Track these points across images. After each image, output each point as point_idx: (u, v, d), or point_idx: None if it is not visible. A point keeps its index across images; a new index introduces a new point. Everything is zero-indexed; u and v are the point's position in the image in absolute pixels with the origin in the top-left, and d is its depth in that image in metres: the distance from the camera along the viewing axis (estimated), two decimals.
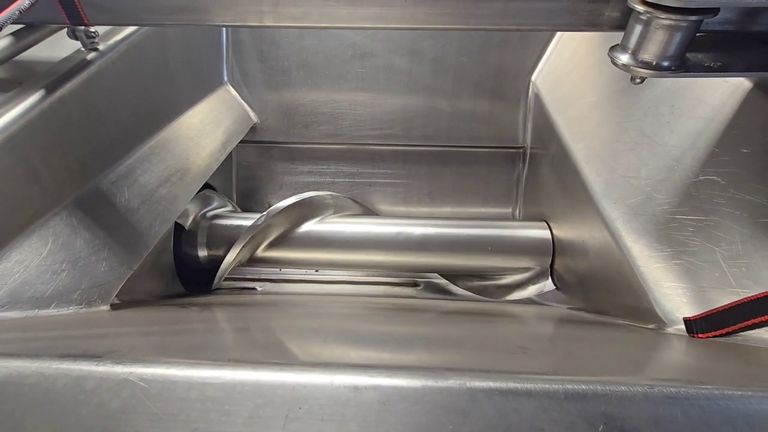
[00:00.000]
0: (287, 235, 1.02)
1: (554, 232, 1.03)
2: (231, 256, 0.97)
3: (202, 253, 1.04)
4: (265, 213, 0.99)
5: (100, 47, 0.75)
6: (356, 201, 1.14)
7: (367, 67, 1.27)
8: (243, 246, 0.97)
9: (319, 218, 1.04)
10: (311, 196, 1.03)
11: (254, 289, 1.14)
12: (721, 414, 0.33)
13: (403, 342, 0.58)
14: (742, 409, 0.34)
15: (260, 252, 1.02)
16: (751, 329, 0.51)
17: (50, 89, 0.65)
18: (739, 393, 0.34)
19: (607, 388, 0.34)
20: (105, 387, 0.35)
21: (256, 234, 0.98)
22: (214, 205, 1.11)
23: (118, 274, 0.70)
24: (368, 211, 1.15)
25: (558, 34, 1.19)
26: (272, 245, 1.02)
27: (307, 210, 1.03)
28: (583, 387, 0.34)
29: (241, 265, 1.03)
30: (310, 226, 1.03)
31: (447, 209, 1.34)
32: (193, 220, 1.04)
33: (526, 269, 1.03)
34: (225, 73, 1.24)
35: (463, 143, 1.31)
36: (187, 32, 1.02)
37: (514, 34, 1.22)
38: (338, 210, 1.08)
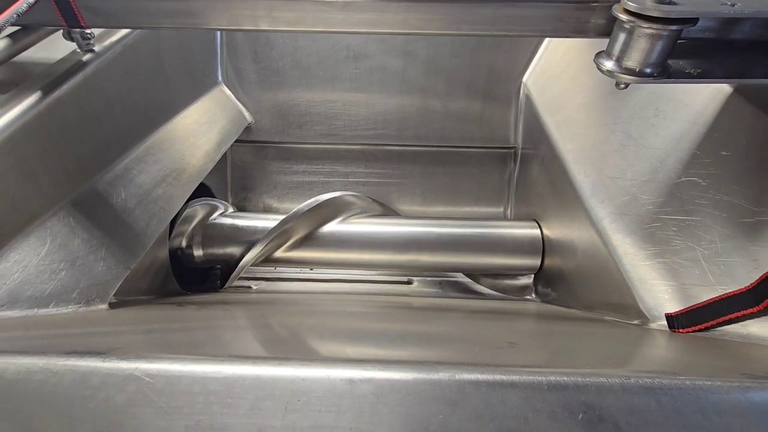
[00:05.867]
0: (311, 236, 1.03)
1: (544, 231, 1.05)
2: (251, 255, 0.99)
3: (198, 252, 1.05)
4: (285, 216, 1.01)
5: (96, 48, 0.75)
6: (374, 200, 1.15)
7: (360, 68, 1.28)
8: (264, 246, 0.99)
9: (339, 218, 1.06)
10: (332, 198, 1.05)
11: (249, 287, 1.15)
12: (692, 403, 0.36)
13: (396, 338, 0.59)
14: (711, 398, 0.36)
15: (279, 253, 1.04)
16: (728, 324, 0.54)
17: (47, 91, 0.66)
18: (709, 383, 0.36)
19: (587, 379, 0.36)
20: (111, 382, 0.37)
21: (276, 235, 0.99)
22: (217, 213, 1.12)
23: (115, 273, 0.71)
24: (378, 209, 1.16)
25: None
26: (292, 246, 1.04)
27: (326, 211, 1.05)
28: (565, 378, 0.36)
29: (255, 264, 1.04)
30: (331, 227, 1.05)
31: (439, 209, 1.36)
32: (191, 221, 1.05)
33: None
34: (219, 73, 1.25)
35: (456, 143, 1.33)
36: (182, 33, 1.02)
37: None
38: (362, 210, 1.10)
